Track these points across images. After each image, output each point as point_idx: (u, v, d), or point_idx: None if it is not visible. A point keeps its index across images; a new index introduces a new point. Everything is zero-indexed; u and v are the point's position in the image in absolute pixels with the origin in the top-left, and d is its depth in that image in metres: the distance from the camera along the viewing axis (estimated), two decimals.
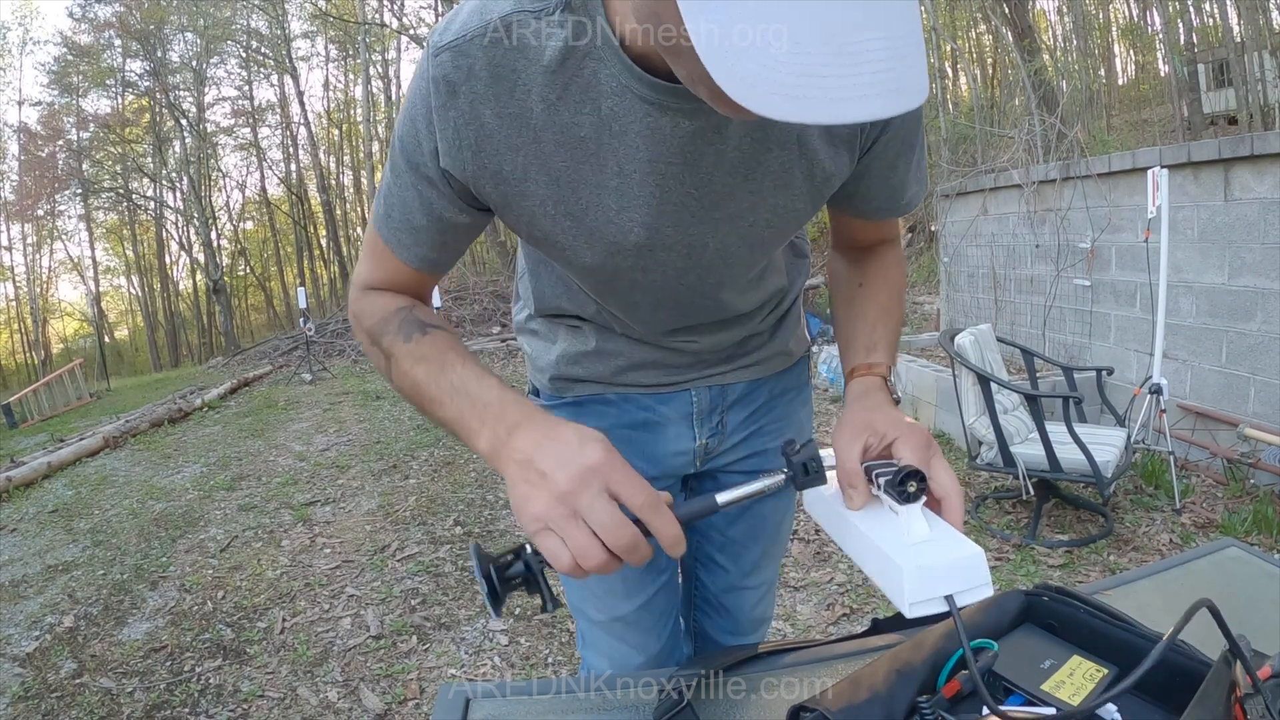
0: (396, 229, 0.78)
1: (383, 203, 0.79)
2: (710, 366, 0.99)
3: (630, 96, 0.65)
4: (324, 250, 26.93)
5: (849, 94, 0.42)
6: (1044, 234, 4.69)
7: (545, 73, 0.65)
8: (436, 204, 0.75)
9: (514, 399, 0.70)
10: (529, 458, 0.63)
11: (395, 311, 0.80)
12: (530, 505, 0.61)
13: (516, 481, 0.63)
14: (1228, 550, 0.97)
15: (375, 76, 21.13)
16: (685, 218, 0.74)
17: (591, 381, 1.00)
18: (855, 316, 0.90)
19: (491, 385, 0.71)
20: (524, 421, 0.67)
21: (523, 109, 0.67)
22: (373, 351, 0.82)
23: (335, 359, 11.09)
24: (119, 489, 5.02)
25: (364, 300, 0.84)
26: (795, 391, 1.10)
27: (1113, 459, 2.90)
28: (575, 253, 0.77)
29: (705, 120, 0.67)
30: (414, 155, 0.72)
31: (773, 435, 1.08)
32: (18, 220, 24.26)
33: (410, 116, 0.70)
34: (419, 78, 0.69)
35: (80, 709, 2.38)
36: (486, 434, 0.67)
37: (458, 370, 0.73)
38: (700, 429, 1.03)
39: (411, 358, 0.76)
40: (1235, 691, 0.55)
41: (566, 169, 0.70)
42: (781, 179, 0.74)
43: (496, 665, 2.49)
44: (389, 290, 0.84)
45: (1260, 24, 10.32)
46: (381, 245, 0.80)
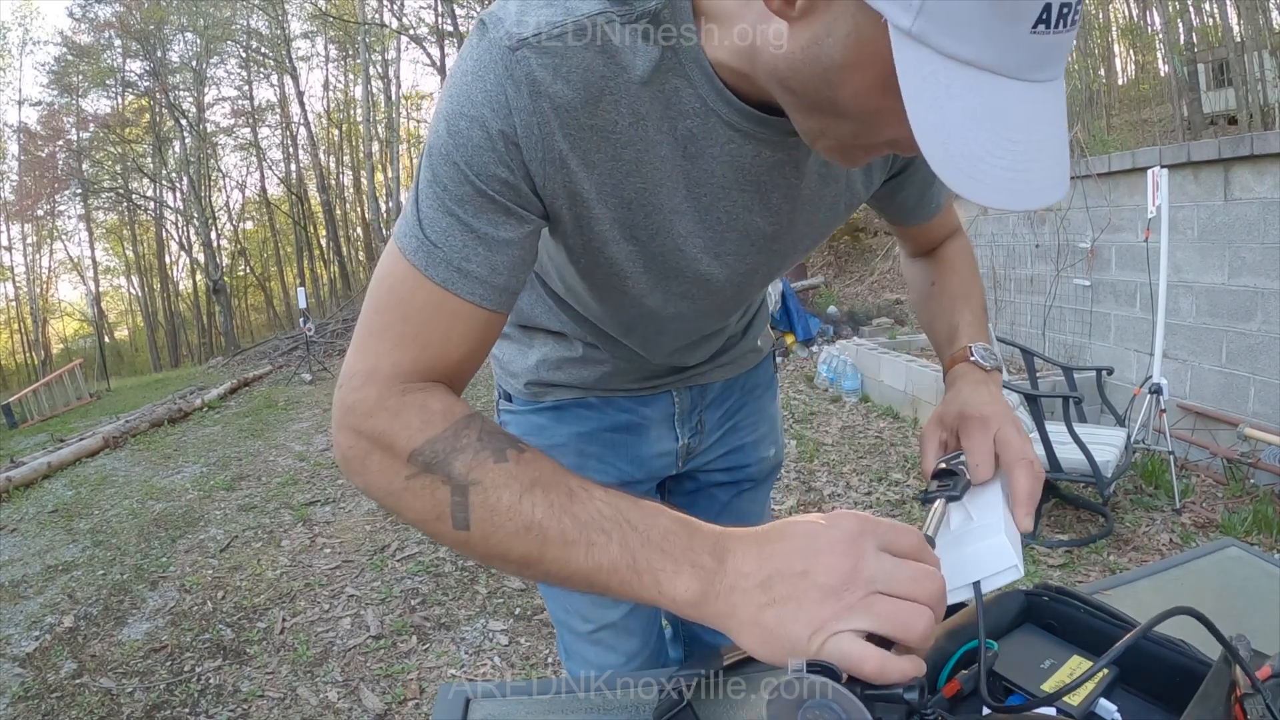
0: (457, 257, 0.58)
1: (421, 233, 0.59)
2: (691, 369, 1.00)
3: (715, 120, 0.62)
4: (324, 250, 26.94)
5: (1038, 185, 0.47)
6: (1044, 234, 4.69)
7: (635, 85, 0.59)
8: (505, 223, 0.60)
9: (688, 519, 0.55)
10: (768, 574, 0.50)
11: (464, 420, 0.58)
12: (803, 616, 0.48)
13: (761, 609, 0.49)
14: (1228, 550, 0.97)
15: (375, 76, 21.13)
16: (745, 247, 0.73)
17: (572, 387, 0.98)
18: (936, 313, 0.90)
19: (655, 509, 0.55)
20: (725, 541, 0.53)
21: (608, 122, 0.59)
22: (419, 488, 0.56)
23: (335, 359, 11.09)
24: (119, 489, 5.01)
25: (392, 408, 0.58)
26: (764, 387, 1.12)
27: (1113, 459, 2.90)
28: (633, 280, 0.71)
29: (787, 154, 0.66)
30: (480, 162, 0.57)
31: (748, 430, 1.10)
32: (18, 220, 24.28)
33: (475, 119, 0.57)
34: (489, 72, 0.57)
35: (80, 709, 2.38)
36: (689, 572, 0.52)
37: (600, 496, 0.55)
38: (682, 429, 1.03)
39: (517, 485, 0.55)
40: (1235, 691, 0.55)
41: (642, 191, 0.64)
42: (832, 211, 0.76)
43: (496, 665, 2.49)
44: (434, 384, 0.61)
45: (1260, 24, 10.32)
46: (429, 298, 0.59)
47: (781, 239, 0.75)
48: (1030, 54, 0.44)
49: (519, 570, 0.56)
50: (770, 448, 1.15)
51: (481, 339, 0.62)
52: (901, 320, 7.72)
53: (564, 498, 0.54)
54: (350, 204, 26.89)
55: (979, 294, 0.90)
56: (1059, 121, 0.48)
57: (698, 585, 0.52)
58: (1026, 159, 0.46)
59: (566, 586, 0.55)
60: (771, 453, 1.16)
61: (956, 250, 0.94)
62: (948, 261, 0.93)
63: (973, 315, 0.85)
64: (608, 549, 0.53)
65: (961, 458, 0.68)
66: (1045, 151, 0.47)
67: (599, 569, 0.53)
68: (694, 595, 0.52)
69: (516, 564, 0.55)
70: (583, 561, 0.53)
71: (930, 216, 0.89)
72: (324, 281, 26.95)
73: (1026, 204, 0.47)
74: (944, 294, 0.90)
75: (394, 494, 0.57)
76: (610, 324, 0.85)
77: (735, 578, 0.51)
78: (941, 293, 0.90)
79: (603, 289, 0.76)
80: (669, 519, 0.54)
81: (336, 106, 25.71)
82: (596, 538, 0.53)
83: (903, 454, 4.22)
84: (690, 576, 0.52)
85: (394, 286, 0.60)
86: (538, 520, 0.54)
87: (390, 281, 0.61)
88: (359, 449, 0.59)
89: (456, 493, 0.55)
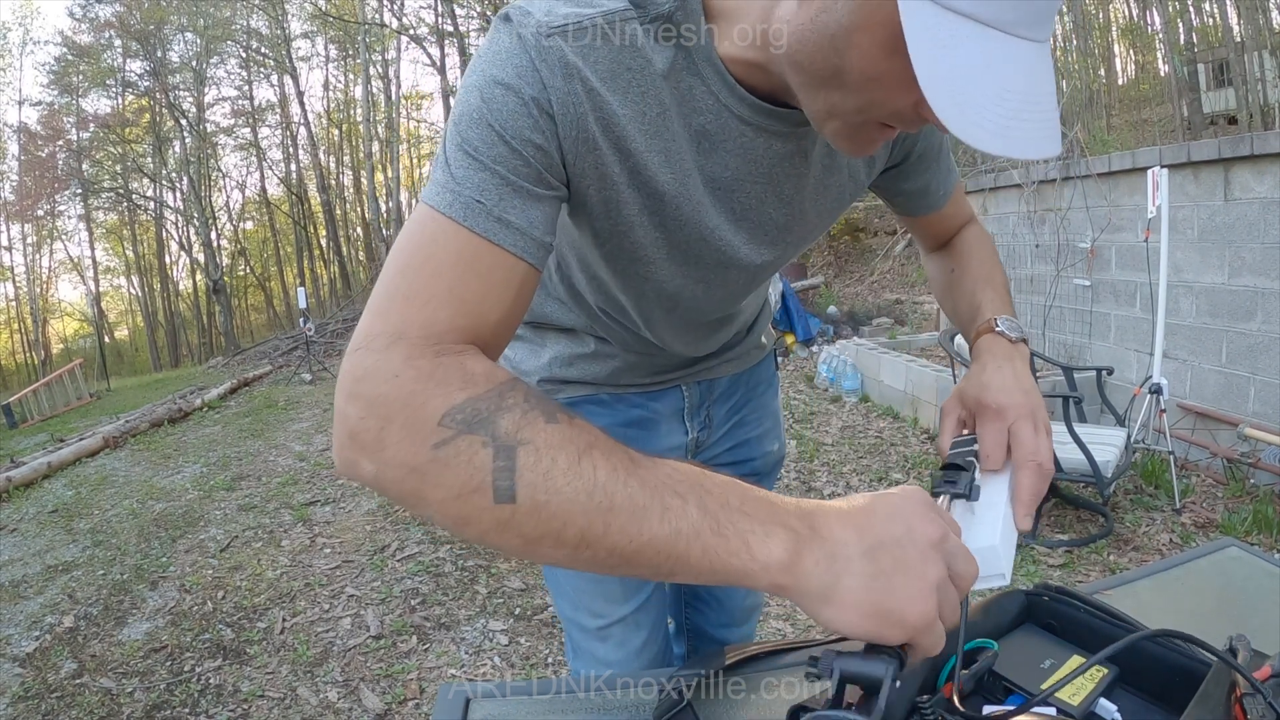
0: (496, 209, 0.55)
1: (456, 187, 0.55)
2: (699, 363, 1.02)
3: (728, 116, 0.65)
4: (324, 250, 26.93)
5: (1033, 136, 0.49)
6: (1044, 234, 4.69)
7: (659, 78, 0.62)
8: (538, 184, 0.59)
9: (758, 488, 0.51)
10: (870, 545, 0.48)
11: (509, 382, 0.51)
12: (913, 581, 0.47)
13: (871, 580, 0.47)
14: (1228, 550, 0.97)
15: (375, 76, 21.11)
16: (759, 236, 0.75)
17: (585, 383, 1.00)
18: (958, 297, 0.90)
19: (727, 478, 0.51)
20: (811, 508, 0.50)
21: (637, 112, 0.61)
22: (451, 456, 0.47)
23: (335, 359, 11.09)
24: (119, 489, 5.01)
25: (424, 369, 0.50)
26: (767, 384, 1.15)
27: (1113, 459, 2.90)
28: (657, 266, 0.73)
29: (796, 144, 0.69)
30: (515, 126, 0.56)
31: (753, 425, 1.13)
32: (18, 220, 24.27)
33: (510, 87, 0.56)
34: (521, 54, 0.56)
35: (80, 709, 2.38)
36: (781, 534, 0.48)
37: (662, 462, 0.50)
38: (691, 423, 1.05)
39: (574, 446, 0.48)
40: (1235, 691, 0.55)
41: (670, 181, 0.66)
42: (837, 199, 0.79)
43: (496, 665, 2.49)
44: (470, 346, 0.54)
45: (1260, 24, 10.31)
46: (465, 250, 0.55)
47: (793, 228, 0.77)
48: (1024, 12, 0.48)
49: (573, 551, 0.48)
50: (774, 442, 1.17)
51: (519, 297, 0.58)
52: (901, 320, 7.72)
53: (626, 460, 0.49)
54: (350, 204, 26.89)
55: (1001, 276, 0.89)
56: (1049, 82, 0.51)
57: (792, 547, 0.48)
58: (1023, 111, 0.49)
59: (629, 566, 0.48)
60: (775, 447, 1.18)
61: (974, 237, 0.95)
62: (966, 248, 0.94)
63: (995, 293, 0.85)
64: (685, 512, 0.47)
65: (975, 447, 0.68)
66: (1039, 107, 0.50)
67: (678, 535, 0.47)
68: (787, 558, 0.47)
69: (572, 542, 0.47)
70: (657, 529, 0.47)
71: (938, 206, 0.90)
72: (324, 281, 26.94)
73: (1026, 153, 0.49)
74: (966, 277, 0.90)
75: (417, 470, 0.48)
76: (629, 311, 0.86)
77: (836, 545, 0.48)
78: (963, 276, 0.90)
79: (625, 274, 0.77)
80: (745, 486, 0.51)
81: (336, 106, 25.72)
82: (672, 501, 0.48)
83: (903, 454, 4.22)
84: (783, 538, 0.48)
85: (423, 244, 0.55)
86: (601, 483, 0.47)
87: (419, 240, 0.56)
88: (373, 419, 0.49)
89: (501, 455, 0.47)
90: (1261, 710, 0.54)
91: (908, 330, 7.03)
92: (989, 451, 0.67)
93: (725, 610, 1.22)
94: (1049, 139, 0.50)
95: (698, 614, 1.24)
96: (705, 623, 1.24)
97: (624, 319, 0.88)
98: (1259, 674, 0.58)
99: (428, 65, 22.05)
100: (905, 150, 0.82)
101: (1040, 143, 0.50)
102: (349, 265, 24.96)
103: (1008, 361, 0.73)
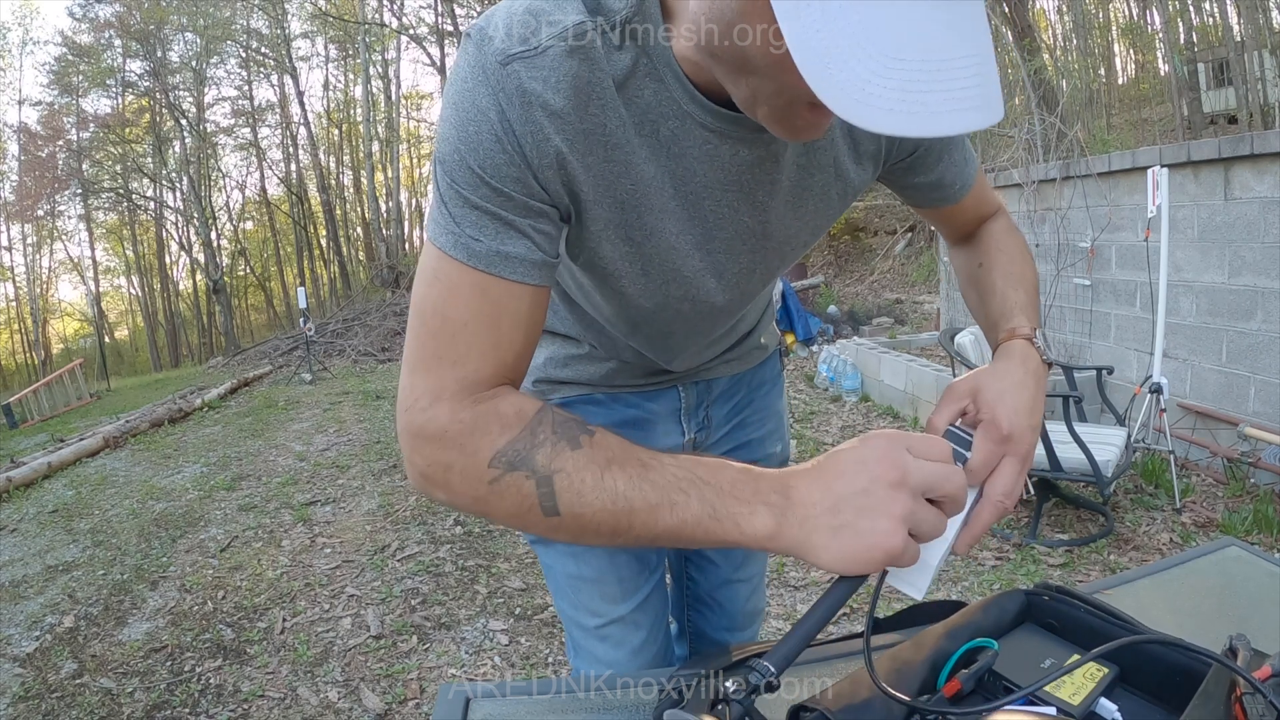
0: (493, 243, 0.61)
1: (456, 229, 0.61)
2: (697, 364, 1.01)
3: (690, 122, 0.64)
4: (324, 250, 26.93)
5: (944, 109, 0.43)
6: (1044, 233, 4.69)
7: (617, 90, 0.61)
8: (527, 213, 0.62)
9: (749, 467, 0.60)
10: (833, 501, 0.56)
11: (536, 417, 0.61)
12: (881, 517, 0.54)
13: (835, 531, 0.55)
14: (1228, 550, 0.97)
15: (375, 76, 21.11)
16: (737, 246, 0.74)
17: (579, 384, 0.99)
18: (985, 294, 0.86)
19: (718, 463, 0.60)
20: (784, 478, 0.58)
21: (597, 125, 0.62)
22: (504, 488, 0.60)
23: (335, 359, 11.09)
24: (119, 489, 5.01)
25: (467, 421, 0.61)
26: (770, 384, 1.13)
27: (1113, 458, 2.90)
28: (629, 281, 0.72)
29: (764, 149, 0.67)
30: (493, 164, 0.60)
31: (755, 426, 1.11)
32: (18, 220, 24.27)
33: (481, 124, 0.59)
34: (483, 87, 0.59)
35: (80, 709, 2.38)
36: (763, 510, 0.57)
37: (668, 461, 0.60)
38: (688, 424, 1.04)
39: (596, 466, 0.59)
40: (1235, 691, 0.55)
41: (633, 192, 0.66)
42: (822, 200, 0.76)
43: (496, 665, 2.48)
44: (499, 387, 0.64)
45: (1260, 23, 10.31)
46: (474, 289, 0.61)
47: (772, 235, 0.75)
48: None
49: (609, 540, 0.61)
50: (777, 444, 1.16)
51: (533, 316, 0.64)
52: (901, 320, 7.72)
53: (639, 468, 0.59)
54: (350, 204, 26.88)
55: (1032, 274, 0.86)
56: (970, 41, 0.44)
57: (772, 520, 0.57)
58: (921, 83, 0.43)
59: (653, 544, 0.60)
60: (778, 449, 1.17)
61: (1000, 229, 0.91)
62: (993, 240, 0.89)
63: (1029, 298, 0.81)
64: (689, 505, 0.58)
65: (967, 453, 0.66)
66: (952, 73, 0.43)
67: (684, 524, 0.58)
68: (770, 529, 0.57)
69: (607, 535, 0.60)
70: (669, 520, 0.58)
71: (957, 198, 0.86)
72: (324, 281, 26.95)
73: (923, 130, 0.43)
74: (995, 273, 0.86)
75: (480, 499, 0.61)
76: (617, 324, 0.85)
77: (804, 509, 0.56)
78: (991, 272, 0.86)
79: (601, 289, 0.77)
80: (734, 469, 0.59)
81: (336, 106, 25.73)
82: (677, 498, 0.58)
83: None
84: (765, 514, 0.57)
85: (443, 297, 0.62)
86: (621, 493, 0.58)
87: (438, 293, 0.62)
88: (438, 465, 0.62)
89: (542, 485, 0.59)
90: (1262, 710, 0.54)
91: (908, 330, 7.03)
92: (976, 468, 0.65)
93: (727, 614, 1.21)
94: (973, 109, 0.43)
95: (700, 617, 1.24)
96: (708, 626, 1.23)
97: (614, 329, 0.88)
98: (1259, 673, 0.58)
99: (428, 65, 22.10)
100: (913, 144, 0.77)
101: (959, 115, 0.43)
102: (349, 265, 24.96)
103: (1034, 382, 0.71)
